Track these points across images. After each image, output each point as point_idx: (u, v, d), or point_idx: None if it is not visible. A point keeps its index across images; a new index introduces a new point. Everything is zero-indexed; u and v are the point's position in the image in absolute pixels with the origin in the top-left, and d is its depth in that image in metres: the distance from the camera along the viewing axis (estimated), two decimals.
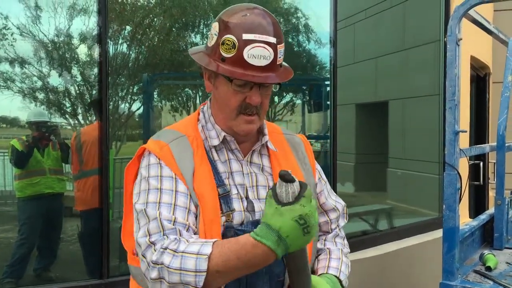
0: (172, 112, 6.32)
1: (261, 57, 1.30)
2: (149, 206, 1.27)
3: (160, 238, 1.22)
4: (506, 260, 2.29)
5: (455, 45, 2.01)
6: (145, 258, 1.22)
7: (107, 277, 2.52)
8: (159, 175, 1.31)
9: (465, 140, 4.79)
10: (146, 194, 1.30)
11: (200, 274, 1.16)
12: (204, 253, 1.17)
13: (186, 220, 1.27)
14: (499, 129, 2.36)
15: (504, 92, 2.43)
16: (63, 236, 3.83)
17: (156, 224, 1.24)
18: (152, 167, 1.33)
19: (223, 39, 1.30)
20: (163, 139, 1.38)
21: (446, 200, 2.02)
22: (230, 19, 1.31)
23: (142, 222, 1.27)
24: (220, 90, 1.36)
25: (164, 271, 1.18)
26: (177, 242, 1.21)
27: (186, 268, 1.17)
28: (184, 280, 1.17)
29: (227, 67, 1.30)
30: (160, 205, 1.26)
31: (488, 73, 5.97)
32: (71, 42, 4.18)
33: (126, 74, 4.55)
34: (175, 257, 1.18)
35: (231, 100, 1.35)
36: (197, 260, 1.17)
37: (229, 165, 1.41)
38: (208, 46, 1.36)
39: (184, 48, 5.11)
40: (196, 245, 1.19)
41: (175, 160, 1.33)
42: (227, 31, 1.30)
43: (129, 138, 4.94)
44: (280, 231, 1.12)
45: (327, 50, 3.85)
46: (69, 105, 4.65)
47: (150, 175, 1.32)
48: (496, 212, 2.45)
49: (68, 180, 4.38)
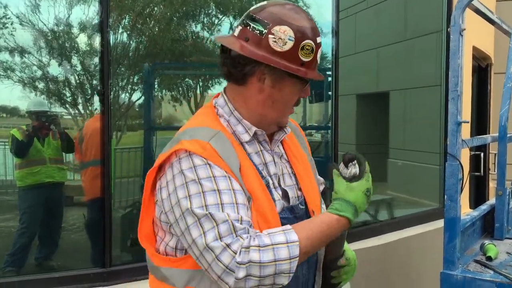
0: (173, 102, 6.31)
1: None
2: (211, 208, 1.25)
3: (235, 239, 1.23)
4: (507, 250, 2.30)
5: (459, 35, 2.00)
6: (220, 262, 1.23)
7: (109, 266, 2.53)
8: (212, 175, 1.29)
9: (467, 131, 4.79)
10: (202, 197, 1.27)
11: (294, 260, 1.25)
12: (293, 240, 1.26)
13: (248, 217, 1.29)
14: (501, 119, 2.36)
15: (507, 83, 2.42)
16: (64, 225, 3.84)
17: (227, 226, 1.24)
18: (199, 168, 1.29)
19: (303, 44, 1.36)
20: (200, 137, 1.34)
21: (447, 191, 2.02)
22: (302, 23, 1.37)
23: (207, 226, 1.25)
24: (286, 91, 1.40)
25: (254, 267, 1.22)
26: (255, 238, 1.25)
27: (280, 258, 1.23)
28: (279, 269, 1.23)
29: (308, 71, 1.38)
30: (224, 206, 1.26)
31: (490, 64, 5.95)
32: (71, 31, 4.16)
33: (126, 64, 4.53)
34: (264, 251, 1.23)
35: (294, 99, 1.43)
36: (289, 248, 1.25)
37: (262, 156, 1.45)
38: (275, 49, 1.35)
39: (184, 37, 5.09)
40: (279, 235, 1.26)
41: (222, 158, 1.32)
42: (305, 36, 1.36)
43: (129, 128, 4.94)
44: (355, 203, 1.35)
45: (328, 40, 3.83)
46: (69, 94, 4.64)
47: (200, 177, 1.28)
48: (497, 202, 2.45)
49: (69, 169, 4.38)
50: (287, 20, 1.35)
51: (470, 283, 1.93)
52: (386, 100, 5.74)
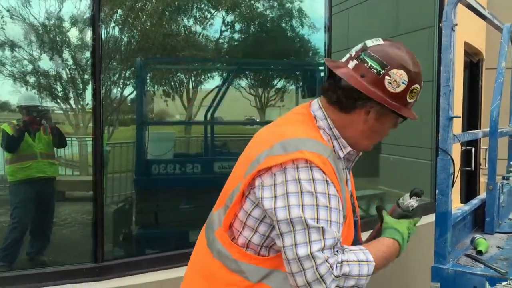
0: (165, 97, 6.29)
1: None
2: (321, 222, 1.36)
3: (333, 255, 1.37)
4: (497, 244, 2.32)
5: (451, 30, 2.01)
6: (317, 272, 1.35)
7: (102, 261, 2.52)
8: (327, 192, 1.39)
9: (458, 126, 4.82)
10: (315, 210, 1.37)
11: (368, 277, 1.42)
12: (371, 260, 1.44)
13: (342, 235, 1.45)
14: (492, 115, 2.37)
15: (498, 78, 2.43)
16: (56, 220, 3.83)
17: (332, 242, 1.37)
18: (318, 182, 1.39)
19: (412, 88, 1.51)
20: (321, 152, 1.43)
21: (439, 185, 2.03)
22: (415, 69, 1.51)
23: (314, 237, 1.35)
24: (386, 124, 1.57)
25: (342, 279, 1.37)
26: (342, 253, 1.40)
27: (362, 273, 1.41)
28: (359, 283, 1.40)
29: (410, 111, 1.55)
30: (331, 223, 1.38)
31: (481, 59, 5.98)
32: (62, 26, 4.13)
33: (118, 59, 4.51)
34: (352, 265, 1.39)
35: (386, 132, 1.61)
36: (369, 266, 1.42)
37: (345, 173, 1.60)
38: (389, 90, 1.48)
39: (177, 32, 5.07)
40: (360, 253, 1.44)
41: (336, 177, 1.44)
42: (415, 81, 1.51)
43: (121, 123, 4.92)
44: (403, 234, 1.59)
45: (321, 35, 3.82)
46: (61, 89, 4.61)
47: (317, 191, 1.38)
48: (488, 197, 2.47)
49: (60, 164, 4.36)
50: (403, 64, 1.49)
51: (460, 277, 1.94)
52: None
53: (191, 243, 3.62)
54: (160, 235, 3.49)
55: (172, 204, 3.85)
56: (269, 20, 5.64)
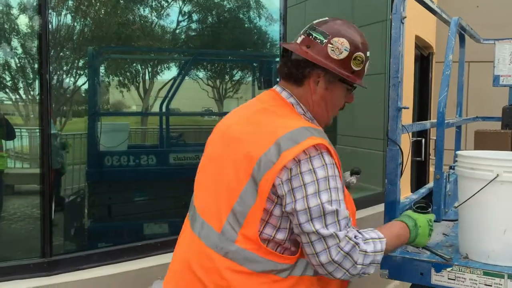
0: (120, 87, 6.15)
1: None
2: (334, 204, 1.47)
3: (350, 229, 1.51)
4: (443, 232, 2.40)
5: (400, 23, 2.05)
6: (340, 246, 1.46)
7: (50, 256, 2.45)
8: (334, 174, 1.51)
9: (409, 117, 4.95)
10: (330, 193, 1.47)
11: (382, 253, 1.54)
12: (382, 236, 1.57)
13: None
14: (439, 106, 2.44)
15: (445, 71, 2.50)
16: (4, 215, 3.70)
17: (346, 221, 1.49)
18: (329, 167, 1.50)
19: (356, 55, 1.63)
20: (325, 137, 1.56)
21: (388, 175, 2.08)
22: (356, 38, 1.65)
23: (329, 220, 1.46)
24: (336, 94, 1.67)
25: (361, 255, 1.48)
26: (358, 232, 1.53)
27: (377, 250, 1.52)
28: (375, 259, 1.52)
29: (357, 79, 1.67)
30: (341, 202, 1.49)
31: (431, 53, 6.15)
32: (10, 13, 3.97)
33: (70, 47, 4.37)
34: (367, 243, 1.51)
35: (342, 102, 1.73)
36: (381, 242, 1.54)
37: None
38: (332, 57, 1.61)
39: (132, 21, 4.96)
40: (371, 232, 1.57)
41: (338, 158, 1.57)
42: (358, 49, 1.64)
43: (74, 114, 4.79)
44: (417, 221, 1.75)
45: (277, 26, 3.83)
46: (9, 78, 4.44)
47: (329, 174, 1.49)
48: (435, 186, 2.54)
49: (9, 157, 4.21)
50: (345, 33, 1.63)
51: (408, 264, 2.00)
52: None
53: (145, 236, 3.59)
54: (112, 228, 3.43)
55: (126, 196, 3.78)
56: (226, 11, 5.61)
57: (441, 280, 1.91)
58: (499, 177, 1.84)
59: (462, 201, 1.98)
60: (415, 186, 5.53)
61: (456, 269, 1.89)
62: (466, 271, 1.87)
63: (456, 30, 2.68)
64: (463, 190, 2.00)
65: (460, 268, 1.88)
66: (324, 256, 1.45)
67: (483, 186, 1.86)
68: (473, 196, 1.90)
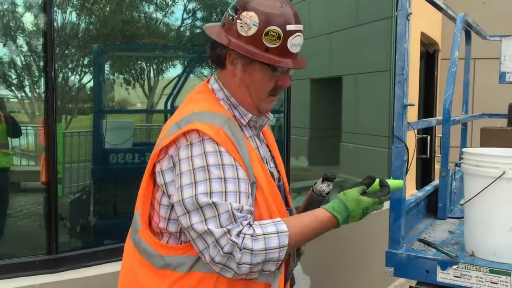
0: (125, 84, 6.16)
1: (298, 45, 1.45)
2: (214, 196, 1.30)
3: (235, 225, 1.30)
4: (449, 229, 2.40)
5: (406, 19, 2.04)
6: (218, 244, 1.29)
7: (56, 253, 2.47)
8: (220, 163, 1.33)
9: (414, 114, 4.93)
10: (208, 184, 1.31)
11: (283, 249, 1.33)
12: (283, 230, 1.34)
13: (250, 205, 1.35)
14: (445, 103, 2.43)
15: (451, 68, 2.49)
16: (10, 212, 3.72)
17: (228, 216, 1.30)
18: (210, 155, 1.33)
19: (267, 30, 1.39)
20: (214, 122, 1.37)
21: (393, 172, 2.07)
22: (269, 10, 1.39)
23: (208, 214, 1.30)
24: (255, 76, 1.44)
25: (247, 254, 1.29)
26: (250, 227, 1.32)
27: (270, 247, 1.31)
28: (268, 257, 1.31)
29: (273, 57, 1.40)
30: (227, 194, 1.31)
31: (437, 50, 6.12)
32: (16, 11, 3.98)
33: (76, 45, 4.38)
34: (257, 240, 1.30)
35: (267, 85, 1.46)
36: (280, 237, 1.33)
37: (254, 141, 1.53)
38: (241, 34, 1.40)
39: (137, 19, 4.96)
40: (270, 226, 1.34)
41: (233, 144, 1.37)
42: (270, 23, 1.39)
43: (80, 111, 4.80)
44: (351, 213, 1.44)
45: None
46: (15, 76, 4.45)
47: (209, 163, 1.32)
48: (441, 183, 2.54)
49: (15, 154, 4.23)
50: (255, 6, 1.39)
51: (413, 261, 2.00)
52: (338, 84, 5.82)
53: None
54: (118, 226, 3.44)
55: (131, 193, 3.78)
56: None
57: (446, 278, 1.91)
58: (505, 174, 1.83)
59: (468, 198, 1.97)
60: (420, 184, 5.52)
61: (462, 267, 1.88)
62: (472, 268, 1.87)
63: (462, 26, 2.66)
64: (469, 188, 1.99)
65: (466, 265, 1.88)
66: (207, 255, 1.30)
67: (489, 183, 1.86)
68: (479, 194, 1.90)
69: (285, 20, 1.39)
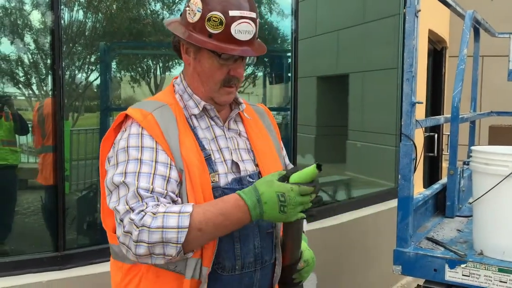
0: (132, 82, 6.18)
1: (246, 32, 1.38)
2: (128, 176, 1.30)
3: (140, 204, 1.27)
4: (457, 228, 2.39)
5: (414, 16, 2.03)
6: (122, 223, 1.26)
7: (63, 250, 2.48)
8: (140, 145, 1.34)
9: (422, 112, 4.91)
10: (125, 165, 1.32)
11: (182, 230, 1.23)
12: (185, 211, 1.25)
13: (164, 188, 1.31)
14: (454, 101, 2.42)
15: (460, 65, 2.47)
16: (18, 209, 3.73)
17: (133, 194, 1.28)
18: (132, 137, 1.35)
19: (209, 15, 1.36)
20: (146, 108, 1.40)
21: (401, 170, 2.07)
22: None
23: (121, 193, 1.30)
24: (204, 63, 1.42)
25: (144, 232, 1.23)
26: (156, 207, 1.27)
27: (168, 225, 1.23)
28: (165, 237, 1.23)
29: (216, 43, 1.36)
30: (140, 175, 1.30)
31: (444, 47, 6.09)
32: (24, 8, 3.99)
33: (82, 43, 4.39)
34: (156, 218, 1.24)
35: (217, 73, 1.42)
36: (180, 217, 1.24)
37: (212, 131, 1.48)
38: (189, 21, 1.40)
39: (144, 16, 4.97)
40: (176, 207, 1.27)
41: (160, 129, 1.37)
42: (212, 8, 1.36)
43: (87, 109, 4.81)
44: (261, 196, 1.27)
45: (288, 22, 3.81)
46: (22, 74, 4.47)
47: (130, 145, 1.34)
48: (449, 181, 2.52)
49: (22, 152, 4.25)
50: None
51: (421, 260, 1.99)
52: (345, 82, 5.80)
53: None
54: None
55: None
56: None
57: (455, 277, 1.90)
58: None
59: (477, 197, 1.96)
60: (428, 182, 5.50)
61: (470, 266, 1.87)
62: (480, 267, 1.86)
63: (471, 24, 2.64)
64: (478, 186, 1.98)
65: (475, 264, 1.87)
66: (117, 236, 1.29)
67: (498, 181, 1.84)
68: (488, 192, 1.88)
69: (228, 5, 1.36)
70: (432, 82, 6.04)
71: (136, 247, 1.24)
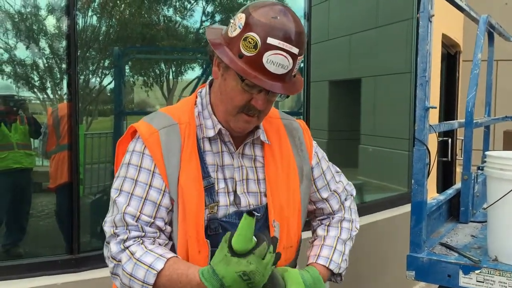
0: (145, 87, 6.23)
1: (279, 65, 1.26)
2: (121, 195, 1.32)
3: (124, 231, 1.30)
4: (471, 233, 2.36)
5: (428, 21, 2.02)
6: (108, 245, 1.32)
7: (78, 253, 2.50)
8: (139, 165, 1.34)
9: (435, 117, 4.88)
10: (122, 182, 1.34)
11: (146, 286, 1.25)
12: (155, 268, 1.25)
13: (152, 216, 1.32)
14: (468, 105, 2.40)
15: (474, 70, 2.46)
16: (32, 212, 3.78)
17: (120, 218, 1.30)
18: (135, 154, 1.35)
19: (247, 35, 1.25)
20: (155, 124, 1.38)
21: (415, 175, 2.05)
22: (259, 16, 1.25)
23: (114, 211, 1.34)
24: (228, 83, 1.33)
25: (119, 269, 1.29)
26: (137, 245, 1.29)
27: (136, 276, 1.26)
28: (132, 285, 1.27)
29: (242, 65, 1.26)
30: (132, 197, 1.31)
31: (458, 52, 6.05)
32: (39, 14, 4.05)
33: (96, 48, 4.44)
34: (130, 261, 1.27)
35: (237, 98, 1.32)
36: (147, 272, 1.25)
37: (221, 158, 1.41)
38: (229, 35, 1.30)
39: (157, 21, 5.01)
40: (151, 256, 1.26)
41: (161, 151, 1.34)
42: (252, 29, 1.25)
43: (100, 113, 4.85)
44: (223, 280, 1.17)
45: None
46: (37, 78, 4.53)
47: (131, 162, 1.35)
48: (463, 187, 2.50)
49: (37, 155, 4.30)
50: (250, 9, 1.28)
51: (435, 265, 1.97)
52: (357, 86, 5.79)
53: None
54: None
55: None
56: None
57: (469, 283, 1.88)
58: None
59: (491, 202, 1.94)
60: (442, 187, 5.45)
61: (485, 272, 1.86)
62: (495, 273, 1.84)
63: (485, 28, 2.63)
64: (492, 191, 1.96)
65: (489, 270, 1.85)
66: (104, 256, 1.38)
67: None
68: (502, 198, 1.86)
69: (270, 32, 1.24)
70: (446, 86, 6.00)
71: (112, 277, 1.33)
